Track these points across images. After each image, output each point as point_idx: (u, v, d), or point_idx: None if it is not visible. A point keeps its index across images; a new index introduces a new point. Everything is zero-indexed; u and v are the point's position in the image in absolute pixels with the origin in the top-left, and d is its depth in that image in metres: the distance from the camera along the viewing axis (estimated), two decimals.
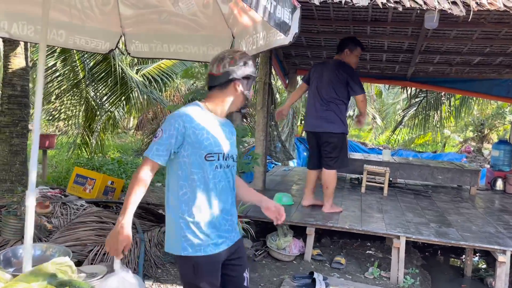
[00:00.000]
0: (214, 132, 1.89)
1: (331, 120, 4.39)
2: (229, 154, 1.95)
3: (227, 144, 1.95)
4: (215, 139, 1.88)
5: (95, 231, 3.78)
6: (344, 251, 4.59)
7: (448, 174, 6.23)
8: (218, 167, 1.89)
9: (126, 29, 3.02)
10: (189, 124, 1.83)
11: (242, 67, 1.87)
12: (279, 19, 1.75)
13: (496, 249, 3.78)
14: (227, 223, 1.94)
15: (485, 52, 6.06)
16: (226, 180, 1.94)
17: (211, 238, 1.86)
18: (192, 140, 1.83)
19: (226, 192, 1.94)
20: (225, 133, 1.96)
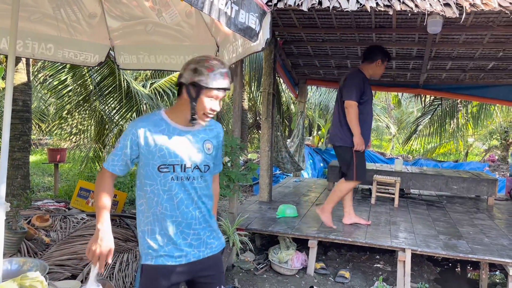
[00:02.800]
0: (171, 141, 1.81)
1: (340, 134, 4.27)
2: (193, 165, 1.85)
3: (189, 154, 1.85)
4: (170, 149, 1.81)
5: None
6: (350, 265, 4.44)
7: (464, 184, 5.99)
8: (175, 179, 1.82)
9: (115, 42, 3.04)
10: (142, 134, 1.80)
11: (191, 72, 1.76)
12: (243, 24, 1.69)
13: (508, 262, 3.57)
14: (189, 237, 1.86)
15: (499, 56, 5.85)
16: (186, 193, 1.84)
17: (164, 250, 1.82)
18: (144, 151, 1.80)
19: (187, 205, 1.85)
20: (187, 143, 1.86)
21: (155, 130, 1.81)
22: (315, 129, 13.23)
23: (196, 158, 1.86)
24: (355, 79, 4.20)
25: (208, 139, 1.93)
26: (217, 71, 1.73)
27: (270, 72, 5.31)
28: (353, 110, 4.11)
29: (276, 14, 4.85)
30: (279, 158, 6.39)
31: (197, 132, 1.91)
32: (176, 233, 1.83)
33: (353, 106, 4.10)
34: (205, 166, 1.90)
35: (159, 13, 2.61)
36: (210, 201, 1.96)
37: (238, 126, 4.13)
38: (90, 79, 6.69)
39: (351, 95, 4.11)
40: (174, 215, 1.83)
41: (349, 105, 4.11)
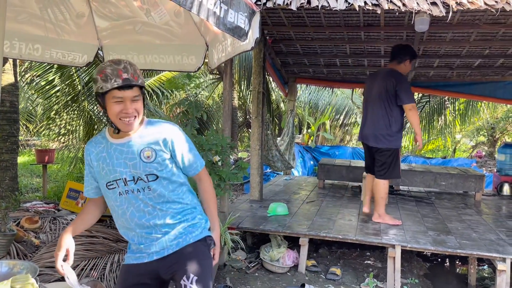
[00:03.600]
0: (109, 158, 1.82)
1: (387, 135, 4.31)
2: (135, 177, 1.80)
3: (127, 167, 1.80)
4: (109, 166, 1.81)
5: (84, 246, 3.75)
6: (341, 261, 4.47)
7: (452, 180, 6.07)
8: (122, 193, 1.82)
9: (104, 41, 3.01)
10: (89, 156, 1.89)
11: (94, 84, 1.74)
12: (232, 24, 1.69)
13: (495, 257, 3.63)
14: (147, 240, 1.86)
15: (485, 54, 5.93)
16: (134, 206, 1.82)
17: (131, 250, 1.93)
18: (96, 171, 1.87)
19: (139, 217, 1.83)
20: (123, 155, 1.81)
21: (96, 149, 1.86)
22: (305, 127, 13.28)
23: (135, 169, 1.80)
24: (406, 81, 4.33)
25: (146, 147, 1.81)
26: (108, 72, 1.67)
27: (260, 71, 5.32)
28: (416, 111, 4.24)
29: (265, 13, 4.85)
30: (270, 157, 6.41)
31: (132, 143, 1.81)
32: (137, 238, 1.87)
33: (415, 107, 4.23)
34: (148, 175, 1.81)
35: (147, 13, 2.61)
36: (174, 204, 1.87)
37: (228, 125, 4.14)
38: (78, 79, 6.62)
39: (411, 98, 4.24)
40: (130, 227, 1.86)
41: (413, 107, 4.20)
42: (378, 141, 4.35)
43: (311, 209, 5.12)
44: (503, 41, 5.33)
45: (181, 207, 1.89)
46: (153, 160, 1.80)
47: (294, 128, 7.49)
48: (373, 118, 4.37)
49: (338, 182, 7.11)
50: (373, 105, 4.37)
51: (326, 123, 13.20)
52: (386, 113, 4.27)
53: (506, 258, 3.57)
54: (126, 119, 1.73)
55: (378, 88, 4.30)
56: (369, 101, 4.46)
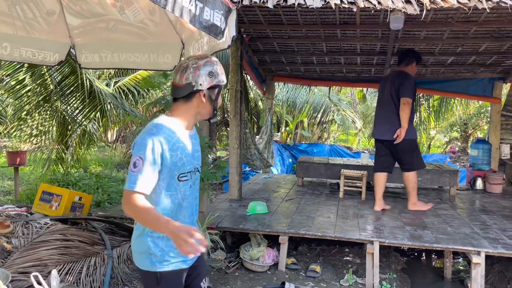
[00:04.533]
0: (186, 149, 1.80)
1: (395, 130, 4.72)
2: (198, 168, 1.91)
3: (196, 159, 1.90)
4: (188, 157, 1.81)
5: (58, 250, 3.65)
6: (321, 259, 4.49)
7: (427, 175, 6.18)
8: (192, 185, 1.87)
9: (76, 40, 2.93)
10: (165, 146, 1.71)
11: (207, 77, 1.75)
12: (208, 22, 1.66)
13: (470, 250, 3.71)
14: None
15: (458, 51, 6.05)
16: (192, 197, 1.89)
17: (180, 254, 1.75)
18: (167, 162, 1.73)
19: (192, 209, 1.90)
20: (194, 147, 1.89)
21: (173, 138, 1.75)
22: (283, 125, 13.30)
23: (198, 161, 1.91)
24: (412, 81, 4.77)
25: (198, 143, 1.97)
26: (217, 68, 1.79)
27: (237, 69, 5.29)
28: (409, 106, 4.68)
29: (242, 11, 4.82)
30: (248, 155, 6.39)
31: (194, 136, 1.92)
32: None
33: (409, 103, 4.68)
34: (199, 168, 1.94)
35: (121, 10, 2.54)
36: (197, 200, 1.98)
37: (206, 124, 4.10)
38: (50, 78, 6.44)
39: (409, 93, 4.68)
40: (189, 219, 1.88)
41: (407, 102, 4.65)
42: (389, 134, 4.78)
43: (290, 207, 5.13)
44: (474, 39, 5.45)
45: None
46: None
47: (272, 126, 7.49)
48: (387, 116, 4.82)
49: (316, 180, 7.16)
50: (386, 104, 4.83)
51: (304, 121, 13.26)
52: (395, 109, 4.74)
53: (480, 251, 3.65)
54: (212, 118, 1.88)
55: (389, 88, 4.81)
56: (382, 101, 4.94)
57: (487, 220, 4.70)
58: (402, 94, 4.66)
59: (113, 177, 8.18)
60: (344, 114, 12.13)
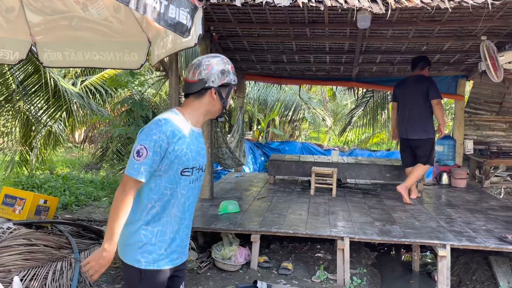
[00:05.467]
0: (192, 145, 1.82)
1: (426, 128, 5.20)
2: (202, 167, 1.91)
3: (202, 156, 1.90)
4: (193, 153, 1.82)
5: (22, 255, 3.53)
6: (293, 256, 4.53)
7: (395, 171, 6.32)
8: (192, 182, 1.85)
9: (37, 37, 2.82)
10: (171, 139, 1.75)
11: (219, 75, 1.81)
12: (173, 20, 1.63)
13: (436, 243, 3.81)
14: (186, 238, 1.93)
15: (423, 50, 6.21)
16: (195, 195, 1.91)
17: (169, 253, 1.83)
18: (172, 155, 1.76)
19: (193, 207, 1.93)
20: (200, 145, 1.90)
21: (180, 132, 1.78)
22: (255, 124, 13.32)
23: (204, 159, 1.92)
24: (434, 82, 5.30)
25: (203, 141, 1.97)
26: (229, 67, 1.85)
27: None
28: (442, 106, 5.26)
29: (211, 9, 4.78)
30: (220, 154, 6.36)
31: (200, 134, 1.94)
32: (182, 236, 1.88)
33: (441, 102, 5.22)
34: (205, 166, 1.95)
35: (84, 7, 2.47)
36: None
37: None
38: (12, 77, 6.20)
39: (439, 95, 5.22)
40: (185, 218, 1.89)
41: (439, 102, 5.20)
42: (422, 134, 5.21)
43: (262, 205, 5.14)
44: (439, 37, 5.60)
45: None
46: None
47: (244, 124, 7.48)
48: (415, 116, 5.24)
49: (288, 178, 7.20)
50: (412, 106, 5.25)
51: (276, 119, 13.32)
52: (424, 110, 5.19)
53: (446, 244, 3.76)
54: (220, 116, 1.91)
55: (414, 91, 5.22)
56: (406, 102, 5.33)
57: (452, 214, 4.85)
58: (433, 96, 5.15)
59: (81, 179, 7.97)
60: (315, 112, 12.26)
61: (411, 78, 5.42)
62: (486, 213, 4.92)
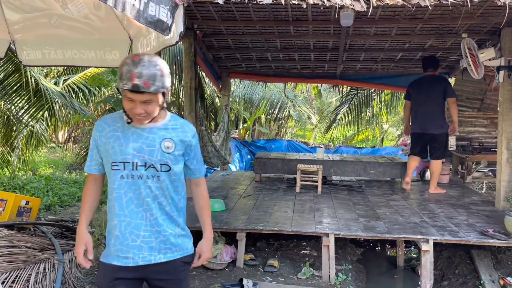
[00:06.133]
0: (124, 139, 1.83)
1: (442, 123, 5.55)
2: (145, 163, 1.82)
3: (141, 152, 1.83)
4: (122, 147, 1.82)
5: (4, 257, 3.47)
6: (279, 253, 4.54)
7: (380, 168, 6.38)
8: (124, 177, 1.82)
9: (15, 36, 2.77)
10: (99, 132, 1.87)
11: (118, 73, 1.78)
12: (153, 17, 1.62)
13: (420, 238, 3.86)
14: (138, 239, 1.85)
15: (405, 47, 6.28)
16: (136, 192, 1.83)
17: (115, 248, 1.86)
18: (103, 149, 1.87)
19: (137, 204, 1.84)
20: (141, 140, 1.83)
21: (110, 126, 1.86)
22: (241, 122, 13.30)
23: (151, 156, 1.83)
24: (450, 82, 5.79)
25: (168, 138, 1.87)
26: (123, 71, 1.68)
27: (191, 65, 5.21)
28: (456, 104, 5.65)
29: (194, 6, 4.76)
30: (205, 153, 6.32)
31: (155, 130, 1.87)
32: (124, 234, 1.83)
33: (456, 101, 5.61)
34: (162, 165, 1.85)
35: (63, 5, 2.43)
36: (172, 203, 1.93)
37: None
38: None
39: (455, 94, 5.62)
40: (123, 214, 1.84)
41: (455, 101, 5.59)
42: (438, 129, 5.52)
43: (248, 203, 5.14)
44: (421, 35, 5.67)
45: (177, 210, 1.96)
46: (171, 151, 1.86)
47: (229, 123, 7.46)
48: (431, 112, 5.52)
49: (274, 175, 7.21)
50: (429, 103, 5.52)
51: (262, 117, 13.32)
52: (440, 108, 5.51)
53: (429, 239, 3.82)
54: (139, 118, 1.79)
55: (432, 89, 5.52)
56: (424, 100, 5.57)
57: (435, 209, 4.92)
58: (450, 95, 5.49)
59: (65, 179, 7.86)
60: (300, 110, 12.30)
61: (427, 77, 5.68)
62: (468, 208, 5.00)
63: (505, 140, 4.84)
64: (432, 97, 5.53)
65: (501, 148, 4.90)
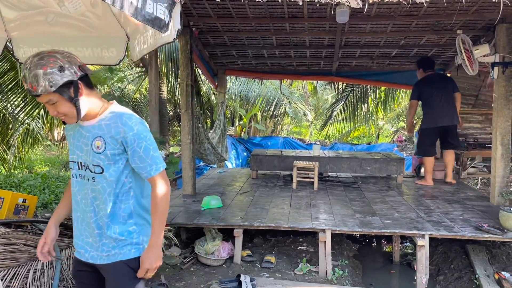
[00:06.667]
0: (73, 138, 1.84)
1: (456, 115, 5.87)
2: (85, 164, 1.77)
3: (83, 152, 1.78)
4: (71, 146, 1.83)
5: (2, 255, 3.47)
6: (276, 249, 4.56)
7: (376, 164, 6.41)
8: (74, 176, 1.83)
9: (12, 33, 2.77)
10: (66, 132, 1.91)
11: None
12: (150, 15, 1.63)
13: (415, 233, 3.90)
14: (88, 237, 1.84)
15: (401, 44, 6.31)
16: (83, 192, 1.80)
17: (76, 242, 1.91)
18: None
19: (85, 204, 1.81)
20: (82, 138, 1.79)
21: (69, 126, 1.87)
22: (237, 119, 13.32)
23: (87, 156, 1.77)
24: None
25: (100, 136, 1.74)
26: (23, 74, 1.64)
27: (187, 63, 5.21)
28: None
29: (190, 4, 4.76)
30: (202, 150, 6.34)
31: (91, 127, 1.77)
32: (80, 229, 1.86)
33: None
34: (94, 166, 1.75)
35: (60, 2, 2.43)
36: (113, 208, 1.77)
37: (156, 120, 4.03)
38: None
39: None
40: (78, 210, 1.85)
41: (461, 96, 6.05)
42: (455, 120, 5.85)
43: (245, 200, 5.16)
44: (416, 32, 5.70)
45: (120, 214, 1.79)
46: (101, 151, 1.74)
47: (225, 120, 7.47)
48: (447, 106, 5.82)
49: (270, 172, 7.23)
50: (445, 98, 5.82)
51: (258, 115, 13.35)
52: (453, 101, 5.87)
53: (424, 234, 3.85)
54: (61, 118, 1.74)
55: (444, 85, 5.88)
56: (438, 95, 5.82)
57: (430, 204, 4.96)
58: (457, 90, 5.92)
59: (61, 177, 7.85)
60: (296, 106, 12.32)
61: (433, 75, 5.99)
62: (463, 203, 5.04)
63: (499, 136, 4.88)
64: (445, 91, 5.83)
65: (495, 144, 4.94)
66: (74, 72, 1.68)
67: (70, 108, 1.69)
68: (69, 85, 1.67)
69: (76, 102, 1.68)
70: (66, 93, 1.66)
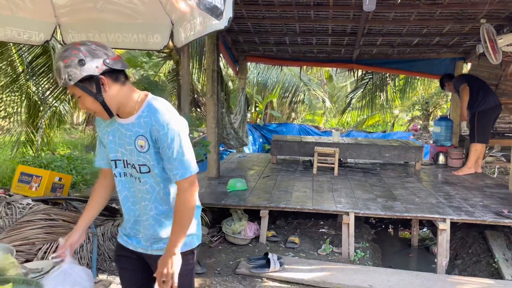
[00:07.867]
0: (112, 135, 1.73)
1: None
2: (131, 163, 1.71)
3: (127, 151, 1.69)
4: (112, 144, 1.73)
5: (44, 229, 3.69)
6: (298, 231, 4.73)
7: (395, 151, 6.51)
8: (117, 175, 1.76)
9: (61, 19, 2.92)
10: (98, 127, 1.80)
11: None
12: (210, 4, 1.77)
13: (437, 217, 4.02)
14: (132, 231, 1.82)
15: (423, 33, 6.34)
16: (131, 190, 1.75)
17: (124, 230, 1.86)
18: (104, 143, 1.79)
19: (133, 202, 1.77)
20: (123, 138, 1.70)
21: (104, 121, 1.75)
22: (253, 106, 13.43)
23: (131, 156, 1.69)
24: None
25: (141, 135, 1.65)
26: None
27: (214, 49, 5.34)
28: None
29: None
30: (224, 135, 6.50)
31: (132, 125, 1.67)
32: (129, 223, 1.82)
33: None
34: (140, 166, 1.68)
35: None
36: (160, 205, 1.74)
37: (187, 104, 4.17)
38: (19, 58, 6.25)
39: None
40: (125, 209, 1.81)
41: None
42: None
43: (268, 183, 5.32)
44: (439, 20, 5.73)
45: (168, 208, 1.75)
46: (146, 150, 1.65)
47: (246, 105, 7.61)
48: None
49: (289, 157, 7.37)
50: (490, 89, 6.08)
51: (274, 101, 13.44)
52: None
53: (446, 218, 3.97)
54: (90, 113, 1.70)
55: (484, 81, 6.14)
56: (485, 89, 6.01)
57: (450, 191, 5.07)
58: None
59: (85, 159, 8.08)
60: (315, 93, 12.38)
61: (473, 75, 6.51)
62: (482, 190, 5.14)
63: None
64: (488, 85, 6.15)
65: None
66: (96, 66, 1.54)
67: (94, 103, 1.60)
68: (91, 80, 1.56)
69: (99, 98, 1.58)
70: (87, 88, 1.57)
